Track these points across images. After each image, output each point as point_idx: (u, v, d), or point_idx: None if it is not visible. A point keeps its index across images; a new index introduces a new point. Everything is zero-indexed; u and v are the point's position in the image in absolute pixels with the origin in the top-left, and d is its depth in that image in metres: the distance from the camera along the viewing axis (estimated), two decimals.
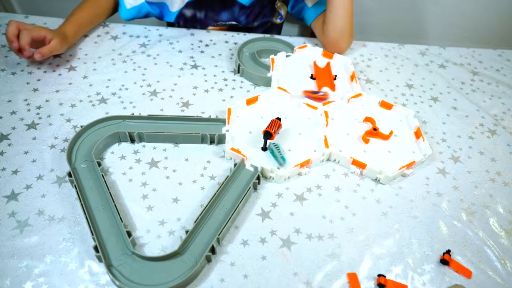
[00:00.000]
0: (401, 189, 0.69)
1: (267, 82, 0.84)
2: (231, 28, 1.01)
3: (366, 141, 0.73)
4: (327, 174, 0.69)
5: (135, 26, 0.94)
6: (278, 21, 1.04)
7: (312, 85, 0.84)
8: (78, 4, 0.89)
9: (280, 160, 0.67)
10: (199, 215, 0.59)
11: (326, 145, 0.70)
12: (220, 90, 0.82)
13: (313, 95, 0.78)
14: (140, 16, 0.95)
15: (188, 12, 0.96)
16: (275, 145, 0.68)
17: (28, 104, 0.74)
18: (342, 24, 0.88)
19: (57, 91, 0.78)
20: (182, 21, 0.98)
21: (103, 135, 0.68)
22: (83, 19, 0.88)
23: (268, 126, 0.67)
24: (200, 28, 0.99)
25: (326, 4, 0.89)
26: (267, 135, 0.67)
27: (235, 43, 0.94)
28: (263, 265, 0.57)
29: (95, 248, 0.54)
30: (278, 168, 0.67)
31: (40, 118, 0.72)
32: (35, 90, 0.77)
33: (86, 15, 0.89)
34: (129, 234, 0.56)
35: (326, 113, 0.75)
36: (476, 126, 0.82)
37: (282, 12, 1.03)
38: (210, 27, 1.00)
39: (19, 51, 0.76)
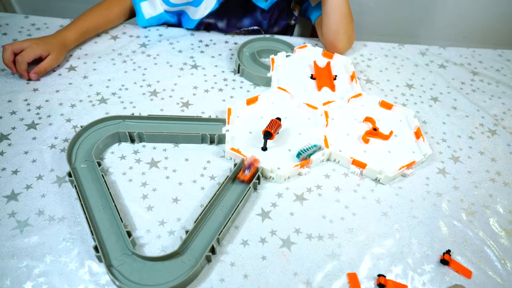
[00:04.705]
0: (401, 189, 0.69)
1: (267, 82, 0.84)
2: (253, 33, 0.99)
3: (366, 141, 0.73)
4: (327, 174, 0.69)
5: (135, 26, 0.94)
6: (293, 22, 1.04)
7: (312, 85, 0.84)
8: (90, 7, 0.88)
9: (314, 148, 0.69)
10: (199, 215, 0.59)
11: (326, 145, 0.70)
12: (220, 90, 0.82)
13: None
14: (158, 24, 0.95)
15: (210, 20, 0.94)
16: (304, 150, 0.69)
17: (28, 104, 0.74)
18: (336, 27, 0.88)
19: (57, 91, 0.78)
20: (203, 27, 0.96)
21: (103, 135, 0.68)
22: (89, 25, 0.86)
23: (268, 126, 0.67)
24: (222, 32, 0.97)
25: (321, 7, 0.89)
26: (267, 135, 0.67)
27: (235, 43, 0.94)
28: (263, 265, 0.57)
29: (95, 248, 0.54)
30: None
31: (40, 118, 0.72)
32: (35, 90, 0.77)
33: (94, 22, 0.87)
34: (129, 234, 0.56)
35: (326, 113, 0.75)
36: (476, 126, 0.82)
37: (296, 13, 1.02)
38: (232, 33, 0.98)
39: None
